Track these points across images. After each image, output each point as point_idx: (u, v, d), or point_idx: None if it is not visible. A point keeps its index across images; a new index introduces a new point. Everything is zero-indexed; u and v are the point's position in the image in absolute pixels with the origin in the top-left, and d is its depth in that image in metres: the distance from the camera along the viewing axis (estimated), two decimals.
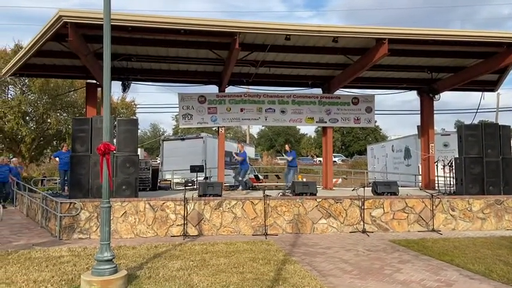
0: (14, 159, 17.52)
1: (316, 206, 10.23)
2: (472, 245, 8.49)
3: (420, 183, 16.44)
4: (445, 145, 19.10)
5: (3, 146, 24.39)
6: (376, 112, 15.22)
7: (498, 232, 10.25)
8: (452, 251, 7.87)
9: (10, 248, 8.12)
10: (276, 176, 23.69)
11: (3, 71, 12.60)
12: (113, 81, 11.59)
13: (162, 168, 19.65)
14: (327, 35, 10.73)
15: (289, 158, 14.10)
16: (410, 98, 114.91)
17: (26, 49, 10.77)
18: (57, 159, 14.14)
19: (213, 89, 14.52)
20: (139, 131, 12.95)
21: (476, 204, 10.74)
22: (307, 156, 53.72)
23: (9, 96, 23.29)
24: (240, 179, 13.94)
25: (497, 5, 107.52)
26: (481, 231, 10.38)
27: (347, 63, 12.92)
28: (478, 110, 15.31)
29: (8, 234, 9.69)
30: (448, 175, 12.85)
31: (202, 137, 20.00)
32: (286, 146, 15.09)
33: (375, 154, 27.16)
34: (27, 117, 23.51)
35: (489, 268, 6.53)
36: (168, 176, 18.87)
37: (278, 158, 45.90)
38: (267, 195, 9.94)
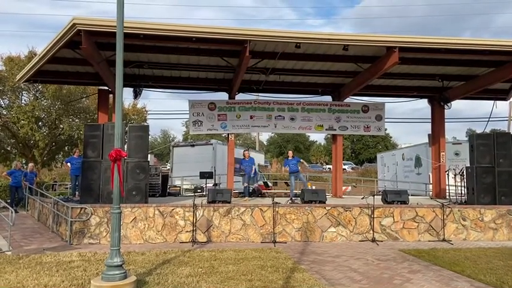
0: (29, 164, 17.71)
1: (326, 214, 10.19)
2: (483, 255, 8.38)
3: (431, 192, 16.29)
4: (456, 154, 18.89)
5: (16, 151, 24.71)
6: (386, 120, 15.20)
7: (510, 243, 10.09)
8: (464, 261, 7.77)
9: (21, 252, 8.21)
10: (286, 183, 23.59)
11: (18, 77, 12.83)
12: (124, 88, 11.66)
13: (172, 175, 19.73)
14: (337, 43, 10.76)
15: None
16: (421, 106, 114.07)
17: (40, 56, 10.97)
18: (68, 164, 14.29)
19: (223, 96, 14.64)
20: (149, 137, 13.04)
21: (488, 214, 10.61)
22: (317, 163, 53.53)
23: (22, 102, 23.63)
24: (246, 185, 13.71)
25: None
26: (493, 242, 10.24)
27: (357, 71, 12.91)
28: (490, 119, 15.18)
29: (19, 238, 9.80)
30: (459, 184, 12.73)
31: (212, 144, 20.08)
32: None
33: (385, 162, 26.96)
34: (40, 123, 23.81)
35: (501, 279, 6.44)
36: (177, 182, 18.94)
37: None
38: (276, 203, 9.93)
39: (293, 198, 12.39)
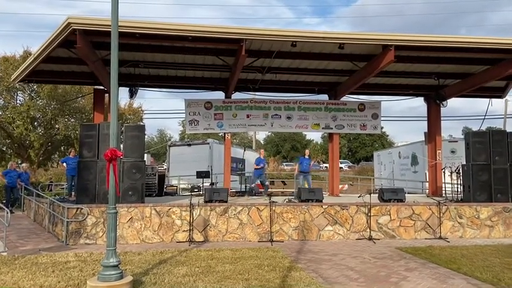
0: (23, 164, 17.64)
1: (322, 212, 10.19)
2: (479, 253, 8.41)
3: (427, 190, 16.33)
4: (453, 152, 18.97)
5: (11, 151, 24.61)
6: (382, 118, 15.22)
7: (506, 240, 10.13)
8: (460, 259, 7.79)
9: (17, 252, 8.17)
10: (282, 182, 23.64)
11: (13, 77, 12.76)
12: (120, 88, 11.70)
13: (169, 174, 19.70)
14: (333, 42, 10.76)
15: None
16: (417, 104, 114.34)
17: (35, 56, 10.91)
18: (64, 164, 14.23)
19: (219, 95, 14.61)
20: (146, 136, 13.02)
21: (484, 211, 10.64)
22: (314, 162, 53.49)
23: (18, 102, 23.53)
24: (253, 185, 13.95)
25: (509, 11, 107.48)
26: (489, 239, 10.27)
27: (353, 69, 12.92)
28: (486, 117, 15.23)
29: (15, 239, 9.75)
30: (455, 182, 12.76)
31: (208, 143, 20.06)
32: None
33: (381, 160, 27.04)
34: (36, 123, 23.72)
35: (497, 276, 6.45)
36: (174, 182, 18.91)
37: (284, 164, 45.84)
38: (273, 202, 9.92)
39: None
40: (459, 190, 12.24)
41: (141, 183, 10.11)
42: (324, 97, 15.09)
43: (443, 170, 14.11)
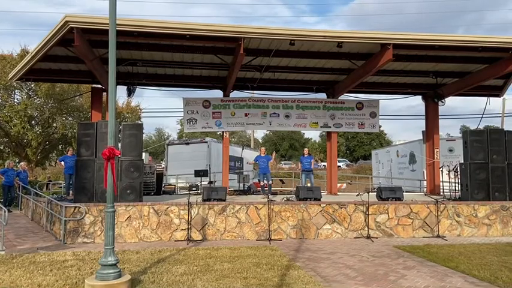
0: (21, 163, 17.58)
1: (321, 211, 10.20)
2: (477, 251, 8.43)
3: (425, 189, 16.36)
4: (450, 150, 19.01)
5: (9, 150, 24.52)
6: (380, 117, 15.24)
7: (504, 238, 10.17)
8: (458, 257, 7.81)
9: (15, 251, 8.15)
10: (281, 180, 23.65)
11: (10, 75, 12.72)
12: (118, 86, 11.67)
13: (167, 173, 19.67)
14: (331, 40, 10.75)
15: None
16: (415, 103, 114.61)
17: (32, 54, 10.88)
18: (62, 163, 14.20)
19: (217, 93, 14.60)
20: (144, 135, 13.00)
21: (481, 210, 10.66)
22: (314, 159, 53.48)
23: (15, 100, 23.44)
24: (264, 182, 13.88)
25: (507, 10, 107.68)
26: (487, 238, 10.30)
27: (352, 68, 12.92)
28: (484, 115, 15.27)
29: (13, 238, 9.73)
30: (453, 180, 12.79)
31: (206, 142, 20.06)
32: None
33: (379, 159, 27.07)
34: (33, 122, 23.63)
35: (494, 275, 6.48)
36: (172, 181, 18.89)
37: (282, 162, 45.86)
38: (271, 200, 9.92)
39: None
40: (457, 188, 12.26)
41: (139, 182, 10.09)
42: (322, 96, 15.10)
43: (441, 169, 14.15)
